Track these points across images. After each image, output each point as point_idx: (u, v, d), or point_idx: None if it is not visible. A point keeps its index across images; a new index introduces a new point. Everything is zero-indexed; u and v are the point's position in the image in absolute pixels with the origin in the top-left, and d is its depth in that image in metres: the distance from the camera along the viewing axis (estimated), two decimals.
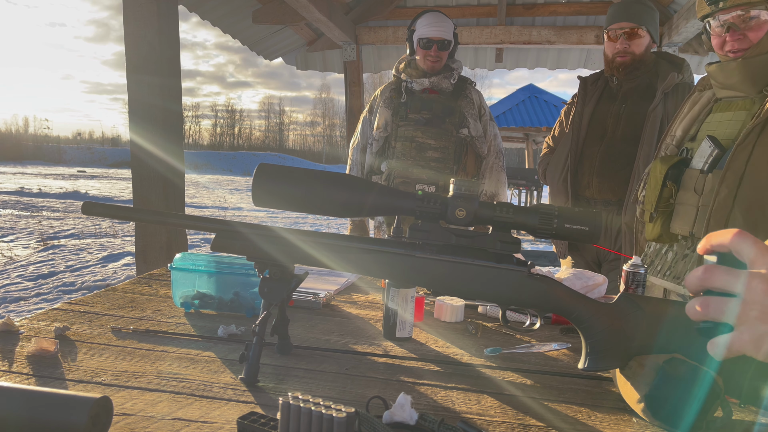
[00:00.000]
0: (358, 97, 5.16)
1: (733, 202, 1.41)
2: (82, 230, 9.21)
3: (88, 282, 5.71)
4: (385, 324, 1.21)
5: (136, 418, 0.78)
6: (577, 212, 0.86)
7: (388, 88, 2.62)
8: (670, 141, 1.68)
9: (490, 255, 0.89)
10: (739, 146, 1.42)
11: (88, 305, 1.31)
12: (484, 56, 5.44)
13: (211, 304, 1.32)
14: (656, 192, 1.62)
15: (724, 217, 1.41)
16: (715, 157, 1.49)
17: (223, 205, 14.94)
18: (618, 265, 2.27)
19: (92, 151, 49.63)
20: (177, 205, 2.84)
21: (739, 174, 1.40)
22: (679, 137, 1.68)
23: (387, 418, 0.77)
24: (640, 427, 0.85)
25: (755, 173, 1.38)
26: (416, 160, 2.46)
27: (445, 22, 2.46)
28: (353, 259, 0.91)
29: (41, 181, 21.65)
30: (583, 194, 2.32)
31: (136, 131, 2.70)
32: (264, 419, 0.74)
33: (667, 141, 1.69)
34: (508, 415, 0.86)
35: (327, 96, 71.66)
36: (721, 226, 1.41)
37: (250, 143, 72.32)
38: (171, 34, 2.76)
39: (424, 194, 0.88)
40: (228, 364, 1.01)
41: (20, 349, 1.02)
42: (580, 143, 2.32)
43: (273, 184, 0.89)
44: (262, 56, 5.08)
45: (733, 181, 1.41)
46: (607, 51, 2.29)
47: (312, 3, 3.72)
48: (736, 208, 1.40)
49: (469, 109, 2.51)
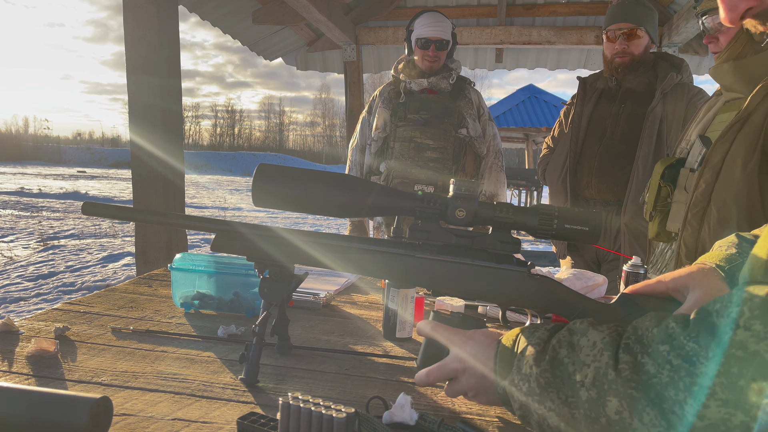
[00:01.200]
0: (358, 97, 5.17)
1: (710, 197, 1.40)
2: (82, 230, 9.21)
3: (88, 282, 5.71)
4: (385, 324, 1.21)
5: (136, 419, 0.78)
6: (577, 212, 0.86)
7: (387, 88, 2.62)
8: (685, 145, 1.68)
9: (490, 255, 0.89)
10: (718, 142, 1.41)
11: (88, 305, 1.31)
12: (484, 56, 5.44)
13: (211, 305, 1.32)
14: (654, 192, 1.64)
15: (701, 213, 1.41)
16: (703, 156, 1.50)
17: (223, 205, 14.94)
18: (618, 266, 2.27)
19: (92, 152, 49.68)
20: (177, 205, 2.84)
21: (716, 169, 1.40)
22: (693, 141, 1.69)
23: (387, 419, 0.77)
24: None
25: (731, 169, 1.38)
26: (415, 160, 2.47)
27: (442, 22, 2.46)
28: (353, 260, 0.91)
29: (41, 182, 21.65)
30: (583, 194, 2.33)
31: (136, 131, 2.70)
32: (264, 419, 0.74)
33: (682, 145, 1.70)
34: (508, 415, 0.86)
35: (327, 96, 71.74)
36: (698, 221, 1.41)
37: (250, 143, 72.39)
38: (171, 35, 2.76)
39: (424, 194, 0.88)
40: (228, 364, 1.01)
41: (20, 349, 1.02)
42: (579, 143, 2.32)
43: (273, 184, 0.89)
44: (262, 56, 5.08)
45: (710, 176, 1.41)
46: (606, 52, 2.29)
47: (312, 3, 3.72)
48: (712, 204, 1.39)
49: (468, 109, 2.51)
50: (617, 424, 0.58)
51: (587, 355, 0.63)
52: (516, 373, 0.70)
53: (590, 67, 5.25)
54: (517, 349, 0.72)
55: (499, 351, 0.75)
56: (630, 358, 0.59)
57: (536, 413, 0.67)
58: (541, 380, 0.66)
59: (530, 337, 0.71)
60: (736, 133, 1.38)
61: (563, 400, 0.64)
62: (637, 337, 0.60)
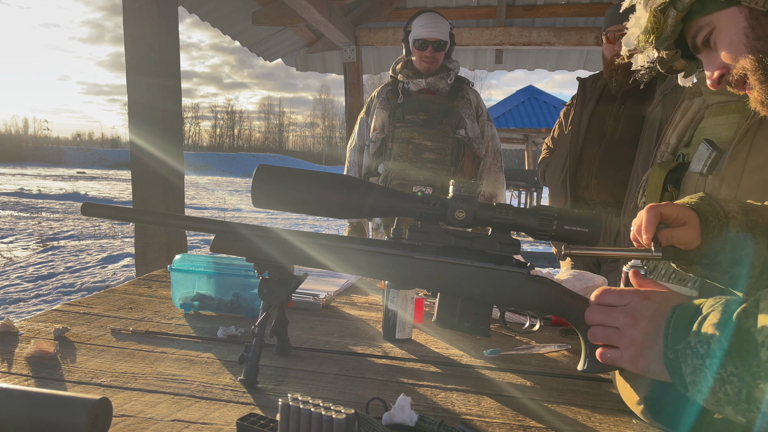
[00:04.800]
0: (358, 98, 5.17)
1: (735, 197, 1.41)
2: (82, 231, 9.21)
3: (87, 283, 5.71)
4: (384, 325, 1.21)
5: (135, 420, 0.78)
6: (577, 214, 0.86)
7: (385, 89, 2.62)
8: (665, 149, 1.69)
9: (489, 256, 0.90)
10: (736, 147, 1.42)
11: (87, 306, 1.31)
12: (484, 57, 5.44)
13: (211, 306, 1.32)
14: (656, 197, 1.63)
15: None
16: (713, 159, 1.50)
17: (222, 206, 14.94)
18: (617, 267, 2.27)
19: (92, 152, 49.68)
20: (177, 206, 2.84)
21: (738, 174, 1.41)
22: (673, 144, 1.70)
23: (387, 420, 0.77)
24: (640, 428, 0.85)
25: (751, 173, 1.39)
26: (413, 161, 2.47)
27: (440, 23, 2.46)
28: (353, 261, 0.91)
29: (41, 182, 21.64)
30: (582, 195, 2.33)
31: (136, 132, 2.70)
32: (263, 420, 0.74)
33: (662, 149, 1.70)
34: (508, 416, 0.86)
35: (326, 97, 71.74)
36: None
37: (249, 144, 72.37)
38: (171, 36, 2.76)
39: (424, 195, 0.88)
40: (227, 365, 1.01)
41: (19, 350, 1.02)
42: (579, 144, 2.32)
43: (272, 185, 0.89)
44: (262, 57, 5.08)
45: (733, 180, 1.42)
46: (606, 53, 2.29)
47: (312, 4, 3.72)
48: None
49: (466, 109, 2.51)
50: None
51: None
52: (694, 336, 0.68)
53: (590, 68, 5.25)
54: (697, 314, 0.70)
55: (675, 315, 0.73)
56: None
57: (713, 378, 0.66)
58: (724, 342, 0.65)
59: (714, 304, 0.70)
60: (752, 137, 1.39)
61: (746, 368, 0.63)
62: None
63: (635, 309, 0.77)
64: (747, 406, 0.64)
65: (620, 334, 0.77)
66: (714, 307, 0.70)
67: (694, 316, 0.71)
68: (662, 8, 0.85)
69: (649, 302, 0.76)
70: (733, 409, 0.66)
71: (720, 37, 0.82)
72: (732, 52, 0.81)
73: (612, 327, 0.78)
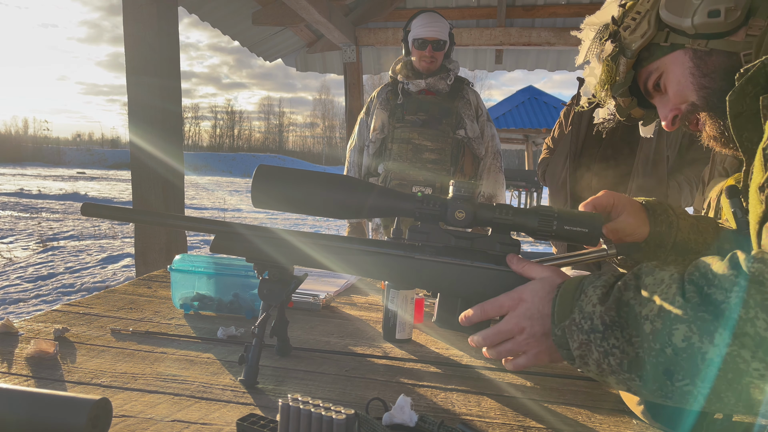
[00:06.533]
0: (358, 98, 5.17)
1: None
2: (82, 232, 9.21)
3: (87, 283, 5.70)
4: (384, 325, 1.21)
5: (135, 420, 0.78)
6: (577, 214, 0.86)
7: (385, 89, 2.62)
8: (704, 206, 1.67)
9: (489, 257, 0.89)
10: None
11: (87, 307, 1.31)
12: (484, 58, 5.44)
13: (211, 306, 1.32)
14: None
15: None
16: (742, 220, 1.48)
17: (222, 206, 14.93)
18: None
19: (92, 153, 49.70)
20: (176, 206, 2.84)
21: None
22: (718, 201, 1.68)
23: (387, 420, 0.76)
24: (640, 429, 0.85)
25: None
26: (413, 161, 2.47)
27: (439, 22, 2.46)
28: (353, 261, 0.91)
29: (41, 183, 21.64)
30: (582, 195, 2.32)
31: (136, 133, 2.70)
32: (263, 421, 0.74)
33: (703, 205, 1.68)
34: (508, 416, 0.86)
35: (326, 97, 71.74)
36: None
37: (249, 145, 72.38)
38: (171, 36, 2.76)
39: (424, 196, 0.88)
40: (227, 365, 1.00)
41: (19, 350, 1.02)
42: (579, 144, 2.32)
43: (272, 185, 0.89)
44: (262, 57, 5.08)
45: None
46: None
47: (312, 4, 3.72)
48: None
49: (466, 110, 2.51)
50: (685, 351, 0.61)
51: (653, 292, 0.65)
52: (578, 312, 0.71)
53: None
54: (579, 291, 0.73)
55: (559, 294, 0.75)
56: (696, 288, 0.62)
57: (597, 351, 0.68)
58: (606, 318, 0.67)
59: (594, 281, 0.72)
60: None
61: (627, 339, 0.66)
62: (700, 273, 0.63)
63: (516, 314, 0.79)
64: (628, 375, 0.67)
65: (516, 342, 0.80)
66: (593, 282, 0.72)
67: (575, 292, 0.73)
68: (613, 57, 0.91)
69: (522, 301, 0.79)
70: (615, 378, 0.68)
71: (669, 79, 0.88)
72: (680, 91, 0.87)
73: (506, 341, 0.81)
